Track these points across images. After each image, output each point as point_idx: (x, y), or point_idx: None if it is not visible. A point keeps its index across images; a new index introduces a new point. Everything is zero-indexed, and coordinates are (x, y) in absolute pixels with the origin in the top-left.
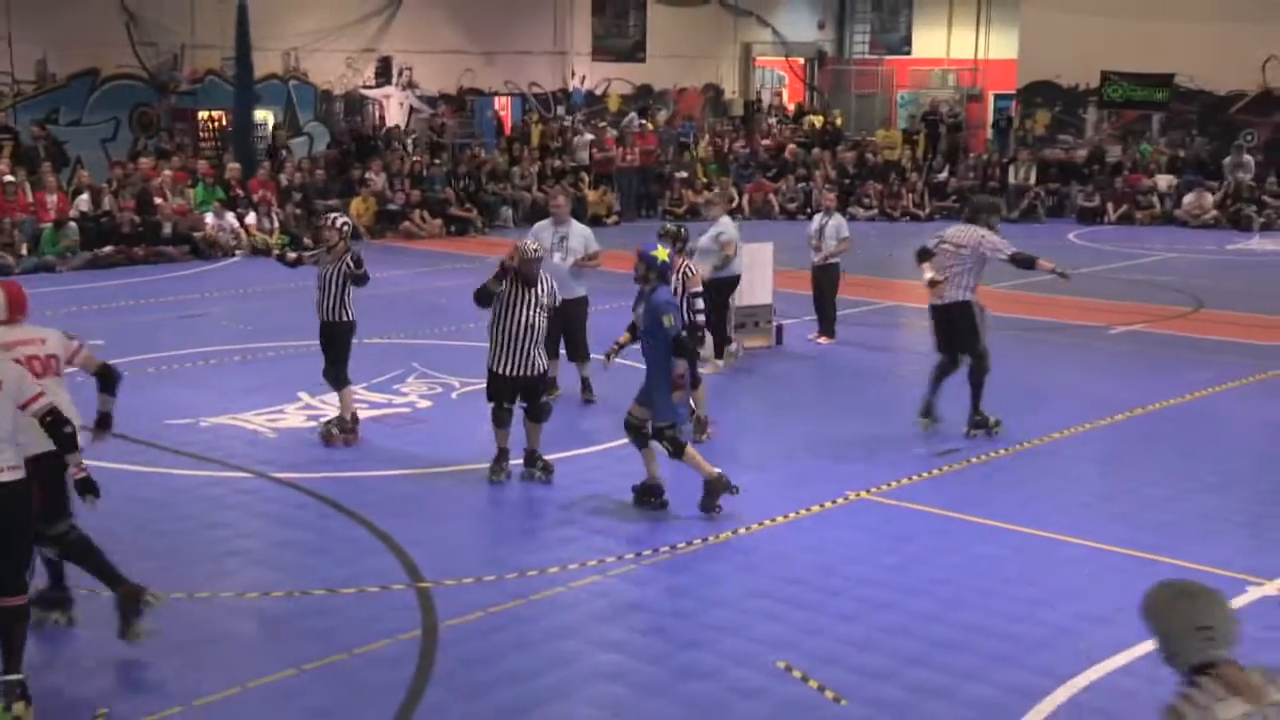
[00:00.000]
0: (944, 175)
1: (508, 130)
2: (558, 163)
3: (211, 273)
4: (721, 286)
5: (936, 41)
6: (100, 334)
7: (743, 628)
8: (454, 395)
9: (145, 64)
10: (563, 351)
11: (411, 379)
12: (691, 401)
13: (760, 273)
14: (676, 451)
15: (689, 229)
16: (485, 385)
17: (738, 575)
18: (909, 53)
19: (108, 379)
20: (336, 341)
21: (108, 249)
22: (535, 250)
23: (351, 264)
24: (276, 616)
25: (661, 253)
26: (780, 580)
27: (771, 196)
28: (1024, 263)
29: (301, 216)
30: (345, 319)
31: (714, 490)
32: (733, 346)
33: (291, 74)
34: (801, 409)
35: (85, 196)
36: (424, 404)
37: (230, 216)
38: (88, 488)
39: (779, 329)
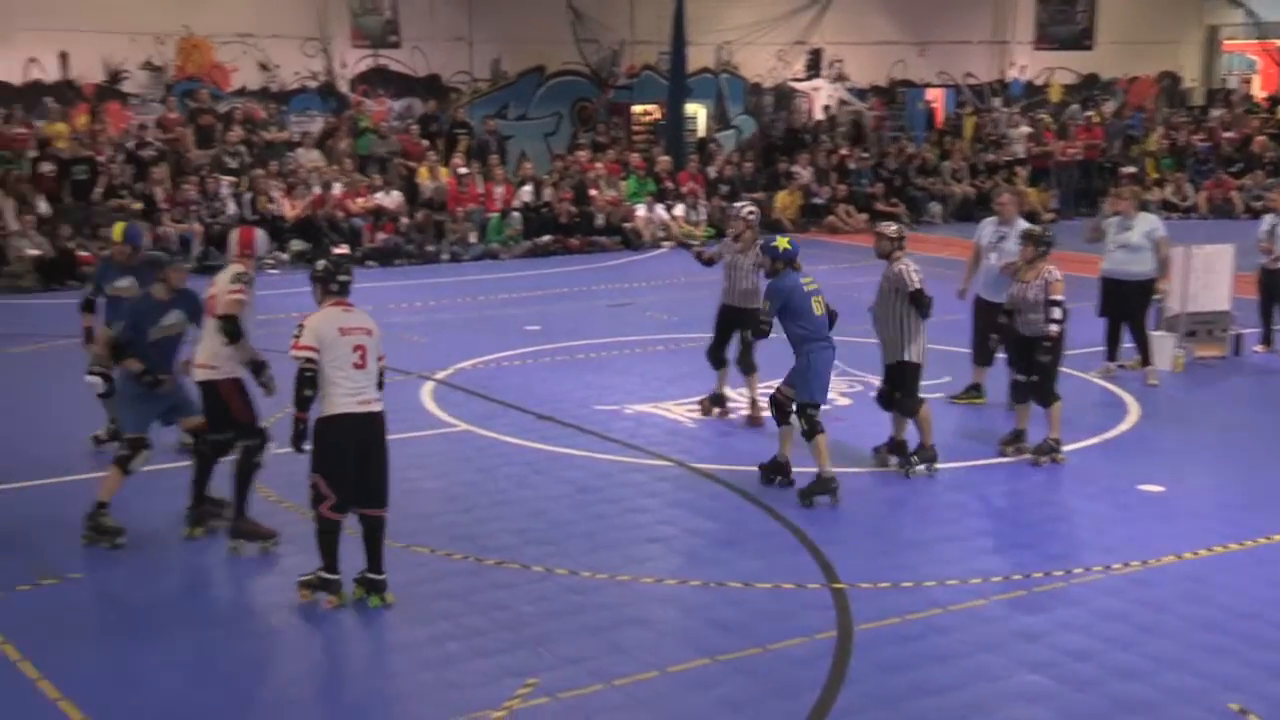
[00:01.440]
0: None
1: (939, 123)
2: (991, 156)
3: (640, 263)
4: (1145, 288)
5: None
6: (536, 320)
7: (1187, 662)
8: (873, 394)
9: (587, 60)
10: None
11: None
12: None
13: (1218, 277)
14: (810, 433)
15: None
16: None
17: (1181, 604)
18: None
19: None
20: (745, 326)
21: (546, 238)
22: (894, 230)
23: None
24: (693, 605)
25: (781, 241)
26: (1233, 614)
27: (1233, 194)
28: None
29: (727, 210)
30: (753, 305)
31: (821, 486)
32: (1112, 364)
33: (723, 68)
34: (1260, 425)
35: (528, 188)
36: (843, 401)
37: (659, 208)
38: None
39: (1237, 338)
